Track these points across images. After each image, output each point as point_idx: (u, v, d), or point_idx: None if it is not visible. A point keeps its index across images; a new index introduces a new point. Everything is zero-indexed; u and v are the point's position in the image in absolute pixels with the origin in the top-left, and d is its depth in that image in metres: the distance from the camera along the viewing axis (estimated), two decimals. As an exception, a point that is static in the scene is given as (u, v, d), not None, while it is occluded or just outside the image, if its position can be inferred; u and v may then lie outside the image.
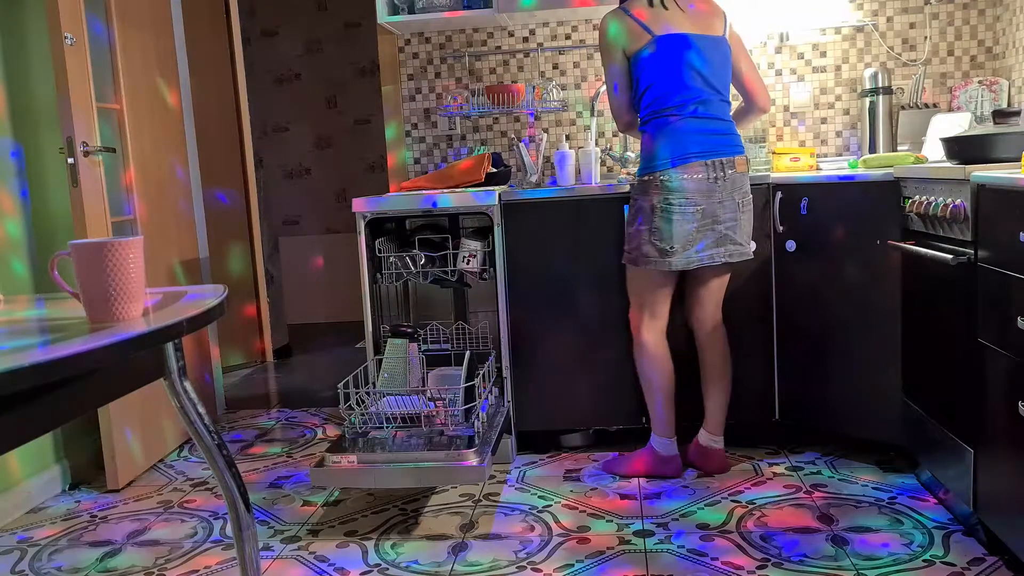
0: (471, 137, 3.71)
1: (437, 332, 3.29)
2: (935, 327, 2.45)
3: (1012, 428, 2.01)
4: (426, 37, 3.67)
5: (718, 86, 2.71)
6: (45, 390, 1.14)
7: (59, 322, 1.34)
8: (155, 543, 2.60)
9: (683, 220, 2.66)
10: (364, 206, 3.01)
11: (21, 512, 2.88)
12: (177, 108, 3.72)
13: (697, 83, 2.68)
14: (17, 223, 2.99)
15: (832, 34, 3.50)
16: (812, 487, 2.73)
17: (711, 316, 2.87)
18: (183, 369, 1.49)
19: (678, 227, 2.66)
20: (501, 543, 2.46)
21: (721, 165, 2.67)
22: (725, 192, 2.68)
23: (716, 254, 2.72)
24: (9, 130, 2.98)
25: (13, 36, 3.00)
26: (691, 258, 2.69)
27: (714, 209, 2.68)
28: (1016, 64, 3.24)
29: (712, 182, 2.66)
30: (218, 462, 1.54)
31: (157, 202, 3.48)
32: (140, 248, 1.31)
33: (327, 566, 2.38)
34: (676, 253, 2.68)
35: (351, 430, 2.75)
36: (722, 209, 2.69)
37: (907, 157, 2.82)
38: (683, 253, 2.68)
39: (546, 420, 3.15)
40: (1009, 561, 2.17)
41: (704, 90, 2.68)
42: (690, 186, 2.65)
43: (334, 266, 6.22)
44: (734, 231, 2.72)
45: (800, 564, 2.24)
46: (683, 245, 2.68)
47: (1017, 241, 1.92)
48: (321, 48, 6.17)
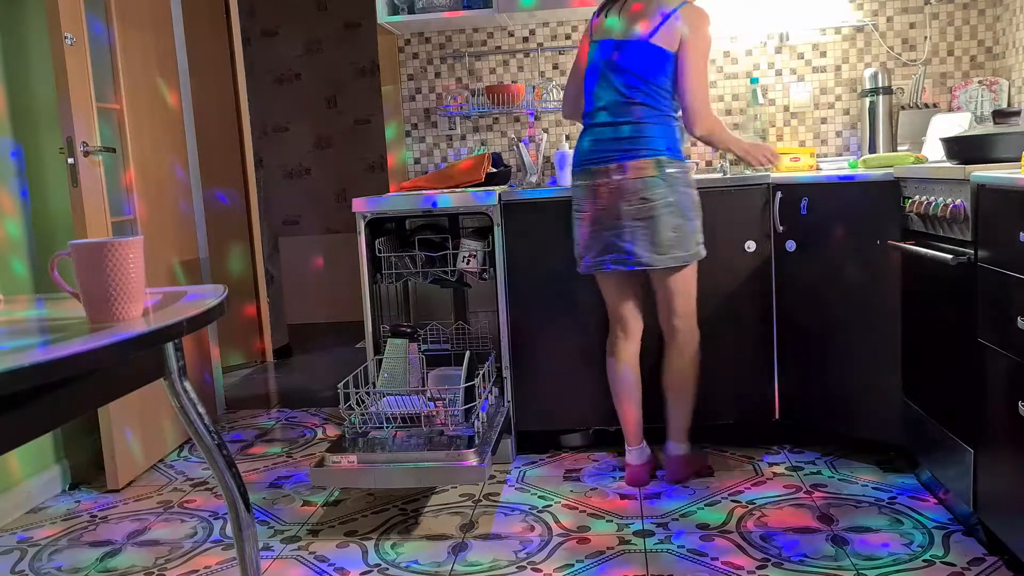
0: (471, 137, 3.71)
1: (437, 332, 3.29)
2: (935, 327, 2.45)
3: (1012, 428, 2.01)
4: (426, 37, 3.67)
5: (628, 89, 2.63)
6: (45, 390, 1.14)
7: (59, 322, 1.34)
8: (155, 543, 2.60)
9: (578, 226, 2.76)
10: (364, 206, 3.01)
11: (21, 512, 2.88)
12: (177, 108, 3.72)
13: (603, 90, 2.68)
14: (17, 223, 2.99)
15: (832, 34, 3.50)
16: (812, 487, 2.73)
17: (666, 322, 2.81)
18: (183, 369, 1.49)
19: (576, 232, 2.77)
20: (501, 543, 2.46)
21: (607, 171, 2.63)
22: (611, 198, 2.64)
23: (605, 260, 2.70)
24: (9, 130, 2.98)
25: (13, 36, 3.00)
26: (588, 263, 2.75)
27: (599, 216, 2.67)
28: (1016, 64, 3.24)
29: (594, 188, 2.67)
30: (218, 462, 1.54)
31: (157, 202, 3.48)
32: (140, 248, 1.31)
33: (327, 566, 2.38)
34: (580, 258, 2.77)
35: (351, 430, 2.75)
36: (607, 215, 2.66)
37: (907, 157, 2.82)
38: (583, 258, 2.76)
39: (546, 420, 3.15)
40: (1009, 561, 2.17)
41: (608, 97, 2.67)
42: (577, 193, 2.74)
43: (334, 266, 6.22)
44: (621, 238, 2.64)
45: (800, 564, 2.24)
46: (582, 251, 2.76)
47: (1017, 241, 1.92)
48: (321, 48, 6.17)
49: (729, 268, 2.98)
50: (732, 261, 2.97)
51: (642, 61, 2.62)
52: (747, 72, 3.55)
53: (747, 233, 2.97)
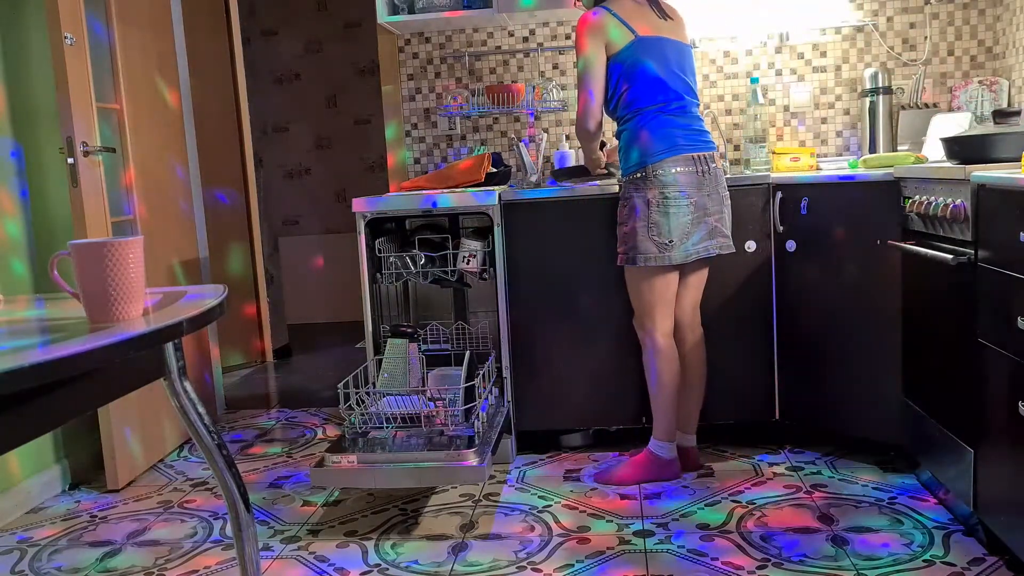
0: (471, 137, 3.71)
1: (437, 332, 3.29)
2: (935, 327, 2.45)
3: (1012, 428, 2.01)
4: (426, 37, 3.67)
5: (693, 88, 2.81)
6: (45, 390, 1.14)
7: (59, 322, 1.34)
8: (155, 543, 2.60)
9: (679, 213, 2.68)
10: (364, 206, 3.01)
11: (21, 512, 2.88)
12: (177, 108, 3.72)
13: (676, 84, 2.74)
14: (17, 223, 2.99)
15: (832, 34, 3.50)
16: (812, 487, 2.73)
17: (689, 316, 2.87)
18: (183, 369, 1.49)
19: (675, 220, 2.68)
20: (501, 543, 2.46)
21: (704, 159, 2.72)
22: (711, 185, 2.73)
23: (710, 246, 2.75)
24: (9, 130, 2.98)
25: (13, 36, 3.00)
26: (688, 251, 2.71)
27: (704, 202, 2.71)
28: (1016, 64, 3.24)
29: (700, 175, 2.70)
30: (218, 462, 1.54)
31: (157, 202, 3.48)
32: (140, 248, 1.31)
33: (327, 566, 2.38)
34: (675, 247, 2.69)
35: (351, 430, 2.75)
36: (710, 201, 2.73)
37: (907, 157, 2.82)
38: (681, 246, 2.69)
39: (546, 420, 3.15)
40: (1009, 561, 2.17)
41: (681, 91, 2.75)
42: (683, 179, 2.69)
43: (334, 266, 6.22)
44: (722, 223, 2.77)
45: (800, 564, 2.24)
46: (680, 238, 2.69)
47: (1017, 241, 1.92)
48: (321, 48, 6.17)
49: (729, 268, 2.98)
50: (732, 261, 2.97)
51: (691, 64, 2.84)
52: (747, 72, 3.55)
53: (747, 233, 2.97)
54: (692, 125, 2.75)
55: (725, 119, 3.57)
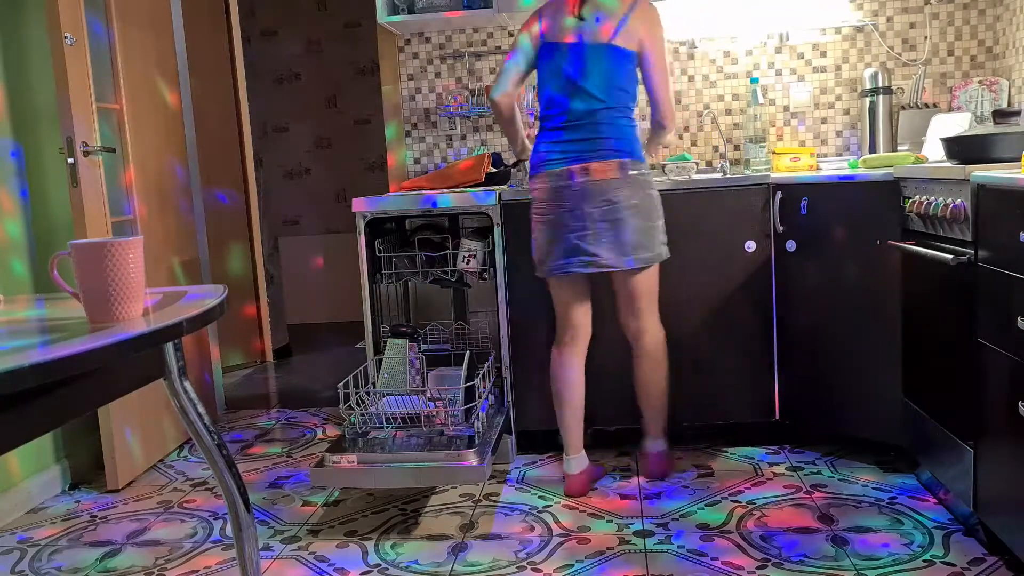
0: (471, 137, 3.71)
1: (437, 332, 3.29)
2: (935, 327, 2.45)
3: (1012, 428, 2.01)
4: (426, 37, 3.67)
5: (596, 92, 2.61)
6: (45, 390, 1.14)
7: (59, 322, 1.34)
8: (155, 543, 2.60)
9: (538, 230, 2.71)
10: (364, 206, 3.01)
11: (21, 512, 2.88)
12: (177, 108, 3.72)
13: (567, 93, 2.63)
14: (17, 223, 2.99)
15: (832, 34, 3.50)
16: (812, 487, 2.73)
17: (630, 325, 2.80)
18: (183, 369, 1.49)
19: (536, 236, 2.73)
20: (501, 543, 2.46)
21: (569, 173, 2.61)
22: (574, 201, 2.61)
23: (568, 264, 2.66)
24: (9, 130, 2.98)
25: (13, 36, 3.00)
26: (551, 268, 2.70)
27: (563, 219, 2.63)
28: (1016, 64, 3.24)
29: (557, 191, 2.63)
30: (218, 462, 1.54)
31: (157, 202, 3.48)
32: (140, 248, 1.31)
33: (327, 566, 2.38)
34: (543, 262, 2.72)
35: (351, 430, 2.75)
36: (571, 218, 2.62)
37: (907, 157, 2.82)
38: (547, 262, 2.70)
39: (546, 420, 3.14)
40: (1009, 561, 2.17)
41: (571, 100, 2.63)
42: (539, 196, 2.69)
43: (334, 266, 6.22)
44: (585, 241, 2.61)
45: (800, 564, 2.24)
46: (543, 255, 2.71)
47: (1017, 241, 1.92)
48: (321, 48, 6.17)
49: (729, 268, 2.98)
50: (732, 261, 2.97)
51: (604, 63, 2.61)
52: (747, 72, 3.55)
53: (747, 233, 2.97)
54: (571, 135, 2.63)
55: (725, 119, 3.57)
